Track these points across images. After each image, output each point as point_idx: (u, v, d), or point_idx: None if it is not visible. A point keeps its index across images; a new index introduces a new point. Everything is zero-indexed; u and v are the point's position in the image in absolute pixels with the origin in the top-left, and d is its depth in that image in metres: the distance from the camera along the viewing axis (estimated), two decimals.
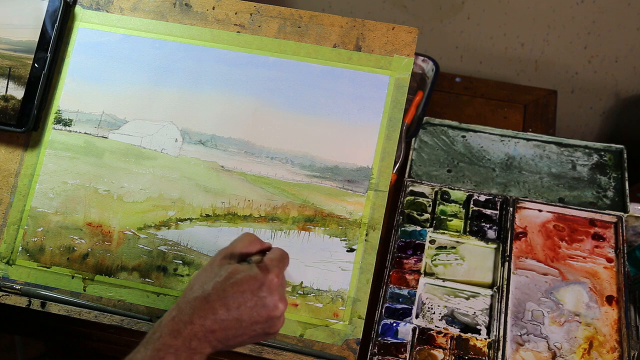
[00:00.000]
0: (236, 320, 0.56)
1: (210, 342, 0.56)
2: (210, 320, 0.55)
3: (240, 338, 0.58)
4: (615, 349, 0.75)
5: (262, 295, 0.57)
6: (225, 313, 0.56)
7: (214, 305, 0.56)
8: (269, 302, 0.57)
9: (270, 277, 0.58)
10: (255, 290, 0.57)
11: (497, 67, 1.22)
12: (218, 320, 0.56)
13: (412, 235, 0.84)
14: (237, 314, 0.56)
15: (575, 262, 0.82)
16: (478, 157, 0.93)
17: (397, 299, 0.79)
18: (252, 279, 0.57)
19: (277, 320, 0.59)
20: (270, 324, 0.59)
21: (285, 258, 0.62)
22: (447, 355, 0.75)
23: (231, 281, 0.57)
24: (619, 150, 0.92)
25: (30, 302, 0.75)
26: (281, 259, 0.61)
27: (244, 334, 0.58)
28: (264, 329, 0.59)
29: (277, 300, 0.58)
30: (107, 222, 0.77)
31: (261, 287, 0.57)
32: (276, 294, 0.58)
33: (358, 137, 0.76)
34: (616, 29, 1.12)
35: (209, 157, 0.77)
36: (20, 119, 0.78)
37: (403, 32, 0.77)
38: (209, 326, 0.55)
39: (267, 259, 0.60)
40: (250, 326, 0.57)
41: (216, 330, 0.56)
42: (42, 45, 0.79)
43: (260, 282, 0.57)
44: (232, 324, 0.56)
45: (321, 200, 0.75)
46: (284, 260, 0.62)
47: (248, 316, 0.57)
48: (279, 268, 0.60)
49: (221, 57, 0.79)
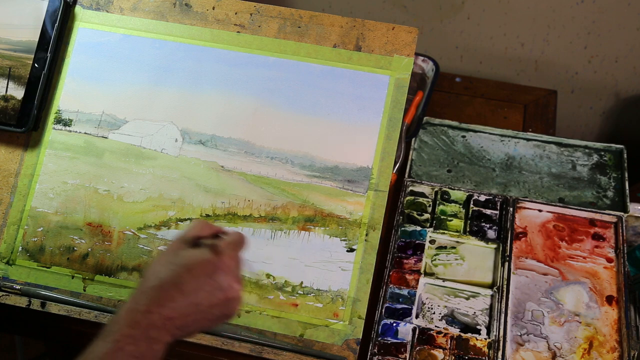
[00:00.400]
0: (194, 305, 0.56)
1: (169, 330, 0.55)
2: (167, 308, 0.55)
3: (200, 323, 0.58)
4: (615, 349, 0.75)
5: (217, 278, 0.57)
6: (182, 299, 0.55)
7: (170, 292, 0.56)
8: (224, 284, 0.57)
9: (224, 259, 0.58)
10: (210, 273, 0.57)
11: (497, 67, 1.22)
12: (176, 307, 0.55)
13: (412, 235, 0.84)
14: (194, 299, 0.56)
15: (575, 262, 0.82)
16: (478, 157, 0.93)
17: (397, 299, 0.79)
18: (206, 263, 0.57)
19: (235, 301, 0.59)
20: (227, 305, 0.58)
21: (241, 241, 0.62)
22: (447, 355, 0.75)
23: (185, 267, 0.57)
24: (619, 150, 0.92)
25: (30, 302, 0.75)
26: (237, 242, 0.61)
27: (203, 318, 0.57)
28: (222, 311, 0.58)
29: (232, 281, 0.58)
30: (107, 222, 0.77)
31: (216, 270, 0.57)
32: (231, 276, 0.58)
33: (358, 137, 0.76)
34: (616, 29, 1.12)
35: (209, 157, 0.77)
36: (20, 119, 0.79)
37: (403, 32, 0.77)
38: (166, 314, 0.55)
39: (222, 242, 0.60)
40: (208, 310, 0.57)
41: (174, 318, 0.55)
42: (42, 45, 0.79)
43: (215, 265, 0.57)
44: (190, 309, 0.56)
45: (321, 200, 0.75)
46: (239, 243, 0.61)
47: (205, 300, 0.56)
48: (234, 250, 0.60)
49: (221, 57, 0.79)
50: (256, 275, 0.74)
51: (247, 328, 0.72)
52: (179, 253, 0.58)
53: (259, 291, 0.74)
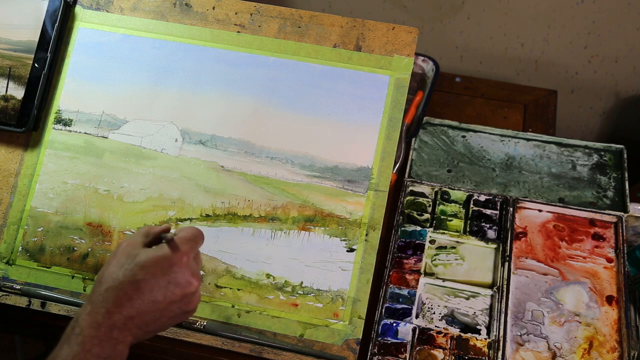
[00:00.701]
0: (152, 303, 0.56)
1: (130, 330, 0.56)
2: (127, 308, 0.56)
3: (160, 321, 0.58)
4: (615, 349, 0.75)
5: (174, 274, 0.57)
6: (139, 297, 0.56)
7: (128, 291, 0.56)
8: (181, 280, 0.58)
9: (179, 255, 0.58)
10: (166, 270, 0.57)
11: (497, 67, 1.22)
12: (134, 305, 0.56)
13: (412, 235, 0.84)
14: (151, 297, 0.56)
15: (575, 262, 0.82)
16: (478, 157, 0.93)
17: (397, 299, 0.79)
18: (162, 259, 0.57)
19: (193, 296, 0.59)
20: (186, 301, 0.59)
21: (196, 237, 0.61)
22: (447, 355, 0.75)
23: (140, 265, 0.57)
24: (619, 150, 0.92)
25: (30, 302, 0.75)
26: (192, 237, 0.61)
27: (163, 315, 0.58)
28: (181, 307, 0.59)
29: (189, 276, 0.58)
30: (107, 222, 0.77)
31: (171, 266, 0.57)
32: (187, 271, 0.58)
33: (358, 137, 0.76)
34: (616, 29, 1.12)
35: (209, 157, 0.77)
36: (20, 119, 0.79)
37: (403, 32, 0.77)
38: (126, 313, 0.55)
39: (177, 238, 0.60)
40: (167, 307, 0.58)
41: (134, 317, 0.56)
42: (42, 45, 0.79)
43: (170, 261, 0.57)
44: (149, 307, 0.56)
45: (321, 200, 0.75)
46: (195, 238, 0.61)
47: (163, 297, 0.57)
48: (189, 246, 0.60)
49: (221, 57, 0.79)
50: (255, 275, 0.74)
51: (247, 328, 0.72)
52: (132, 252, 0.59)
53: (259, 291, 0.74)
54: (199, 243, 0.62)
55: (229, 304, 0.73)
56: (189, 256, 0.59)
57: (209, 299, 0.74)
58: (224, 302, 0.74)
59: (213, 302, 0.74)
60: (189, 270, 0.59)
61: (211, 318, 0.73)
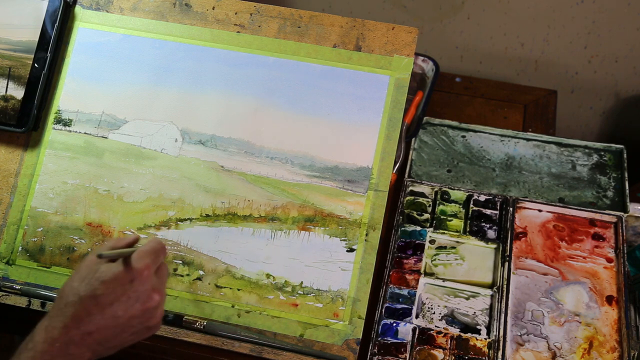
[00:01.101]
0: (112, 318, 0.56)
1: (89, 345, 0.55)
2: (85, 323, 0.55)
3: (120, 337, 0.58)
4: (615, 349, 0.75)
5: (134, 289, 0.57)
6: (99, 313, 0.55)
7: (87, 306, 0.55)
8: (141, 295, 0.57)
9: (139, 269, 0.57)
10: (125, 285, 0.57)
11: (497, 67, 1.22)
12: (93, 321, 0.55)
13: (412, 235, 0.84)
14: (111, 312, 0.56)
15: (575, 262, 0.82)
16: (478, 157, 0.93)
17: (397, 299, 0.79)
18: (121, 274, 0.57)
19: (155, 311, 0.59)
20: (147, 316, 0.58)
21: (157, 250, 0.61)
22: (447, 355, 0.75)
23: (101, 280, 0.56)
24: (619, 150, 0.92)
25: (30, 302, 0.75)
26: (152, 251, 0.60)
27: (124, 331, 0.57)
28: (142, 322, 0.58)
29: (150, 291, 0.58)
30: (107, 222, 0.77)
31: (132, 281, 0.57)
32: (148, 285, 0.58)
33: (358, 137, 0.76)
34: (616, 29, 1.12)
35: (209, 157, 0.77)
36: (20, 119, 0.79)
37: (403, 32, 0.77)
38: (84, 329, 0.55)
39: (136, 253, 0.59)
40: (127, 322, 0.57)
41: (93, 332, 0.55)
42: (42, 45, 0.79)
43: (130, 276, 0.57)
44: (109, 322, 0.56)
45: (321, 200, 0.75)
46: (156, 251, 0.61)
47: (123, 312, 0.56)
48: (150, 259, 0.59)
49: (221, 57, 0.79)
50: (255, 275, 0.74)
51: (247, 328, 0.72)
52: (94, 268, 0.58)
53: (259, 291, 0.74)
54: (160, 256, 0.61)
55: (229, 304, 0.74)
56: (149, 270, 0.58)
57: (209, 299, 0.74)
58: (224, 302, 0.74)
59: (213, 302, 0.74)
60: (149, 284, 0.58)
61: (211, 318, 0.73)
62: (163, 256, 0.62)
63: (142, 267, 0.58)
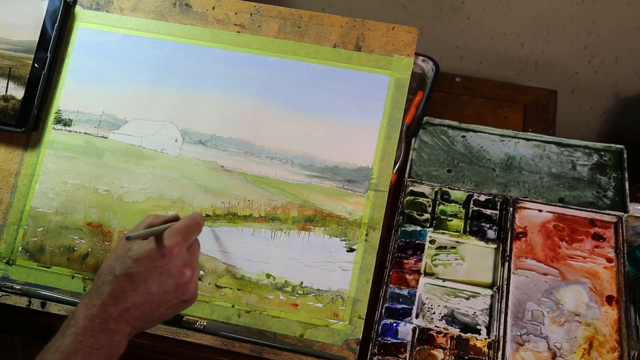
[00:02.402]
0: (147, 294, 0.58)
1: (128, 320, 0.58)
2: (122, 300, 0.57)
3: (158, 311, 0.60)
4: (615, 349, 0.75)
5: (166, 266, 0.59)
6: (134, 289, 0.58)
7: (122, 284, 0.58)
8: (173, 270, 0.59)
9: (169, 246, 0.59)
10: (157, 261, 0.59)
11: (497, 67, 1.22)
12: (129, 298, 0.58)
13: (412, 235, 0.84)
14: (145, 288, 0.58)
15: (575, 262, 0.82)
16: (478, 157, 0.93)
17: (397, 299, 0.79)
18: (152, 252, 0.59)
19: (188, 285, 0.61)
20: (181, 290, 0.61)
21: (190, 226, 0.63)
22: (447, 355, 0.75)
23: (134, 258, 0.59)
24: (619, 150, 0.92)
25: (30, 302, 0.75)
26: (184, 228, 0.62)
27: (160, 306, 0.60)
28: (178, 296, 0.61)
29: (182, 266, 0.60)
30: (107, 222, 0.77)
31: (162, 258, 0.59)
32: (179, 261, 0.60)
33: (358, 137, 0.76)
34: (616, 29, 1.12)
35: (209, 157, 0.77)
36: (20, 119, 0.79)
37: (403, 32, 0.77)
38: (122, 305, 0.57)
39: (168, 230, 0.61)
40: (162, 297, 0.59)
41: (130, 308, 0.58)
42: (42, 45, 0.79)
43: (161, 253, 0.59)
44: (144, 298, 0.58)
45: (321, 200, 0.75)
46: (188, 228, 0.63)
47: (157, 288, 0.59)
48: (182, 236, 0.61)
49: (221, 57, 0.79)
50: (255, 275, 0.74)
51: (247, 328, 0.72)
52: (128, 246, 0.60)
53: (259, 291, 0.74)
54: (194, 233, 0.63)
55: (229, 304, 0.74)
56: (180, 247, 0.60)
57: (209, 299, 0.74)
58: (224, 302, 0.74)
59: (213, 302, 0.74)
60: (181, 260, 0.60)
61: (211, 318, 0.73)
62: (197, 232, 0.64)
63: (173, 244, 0.60)
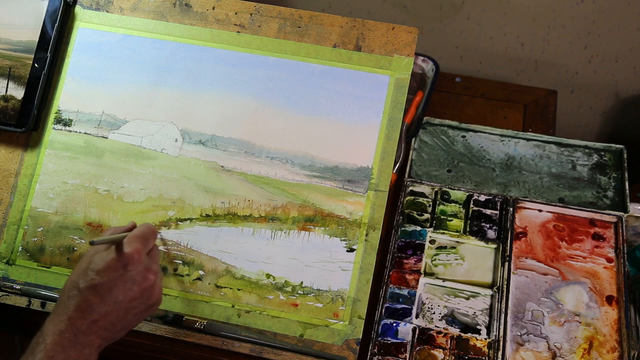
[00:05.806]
0: (114, 303, 0.59)
1: (97, 332, 0.58)
2: (89, 312, 0.58)
3: (125, 319, 0.61)
4: (615, 349, 0.75)
5: (128, 273, 0.60)
6: (100, 300, 0.58)
7: (87, 297, 0.58)
8: (136, 277, 0.60)
9: (129, 253, 0.60)
10: (119, 270, 0.60)
11: (497, 67, 1.22)
12: (96, 309, 0.58)
13: (412, 235, 0.84)
14: (111, 297, 0.59)
15: (575, 262, 0.82)
16: (478, 157, 0.93)
17: (397, 299, 0.79)
18: (113, 261, 0.60)
19: (152, 289, 0.62)
20: (147, 295, 0.62)
21: (147, 233, 0.65)
22: (447, 355, 0.75)
23: (95, 270, 0.59)
24: (619, 150, 0.92)
25: (30, 302, 0.75)
26: (142, 234, 0.64)
27: (127, 313, 0.60)
28: (144, 302, 0.62)
29: (144, 271, 0.61)
30: (107, 222, 0.77)
31: (125, 266, 0.60)
32: (141, 267, 0.61)
33: (358, 137, 0.76)
34: (616, 29, 1.12)
35: (209, 157, 0.77)
36: (20, 119, 0.79)
37: (403, 32, 0.77)
38: (89, 318, 0.58)
39: (126, 238, 0.62)
40: (129, 304, 0.60)
41: (98, 320, 0.58)
42: (42, 45, 0.79)
43: (123, 262, 0.60)
44: (111, 307, 0.59)
45: (321, 200, 0.75)
46: (145, 235, 0.64)
47: (123, 296, 0.59)
48: (140, 242, 0.62)
49: (221, 57, 0.79)
50: (255, 275, 0.74)
51: (247, 328, 0.72)
52: (88, 259, 0.61)
53: (259, 291, 0.74)
54: (151, 240, 0.65)
55: (229, 304, 0.74)
56: (140, 253, 0.61)
57: (209, 299, 0.74)
58: (224, 302, 0.74)
59: (213, 302, 0.74)
60: (142, 265, 0.61)
61: (211, 318, 0.73)
62: (153, 239, 0.66)
63: (133, 251, 0.61)
